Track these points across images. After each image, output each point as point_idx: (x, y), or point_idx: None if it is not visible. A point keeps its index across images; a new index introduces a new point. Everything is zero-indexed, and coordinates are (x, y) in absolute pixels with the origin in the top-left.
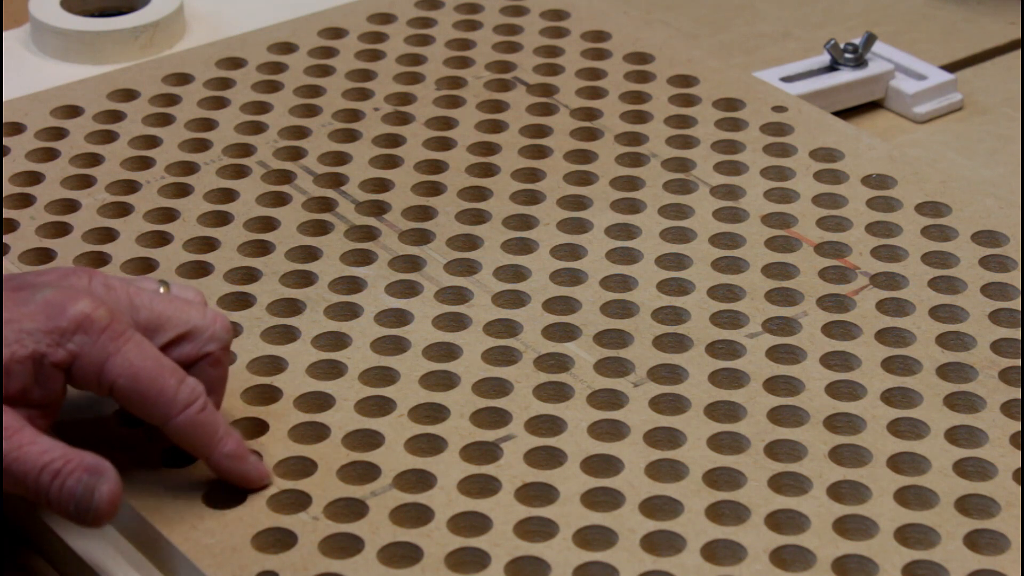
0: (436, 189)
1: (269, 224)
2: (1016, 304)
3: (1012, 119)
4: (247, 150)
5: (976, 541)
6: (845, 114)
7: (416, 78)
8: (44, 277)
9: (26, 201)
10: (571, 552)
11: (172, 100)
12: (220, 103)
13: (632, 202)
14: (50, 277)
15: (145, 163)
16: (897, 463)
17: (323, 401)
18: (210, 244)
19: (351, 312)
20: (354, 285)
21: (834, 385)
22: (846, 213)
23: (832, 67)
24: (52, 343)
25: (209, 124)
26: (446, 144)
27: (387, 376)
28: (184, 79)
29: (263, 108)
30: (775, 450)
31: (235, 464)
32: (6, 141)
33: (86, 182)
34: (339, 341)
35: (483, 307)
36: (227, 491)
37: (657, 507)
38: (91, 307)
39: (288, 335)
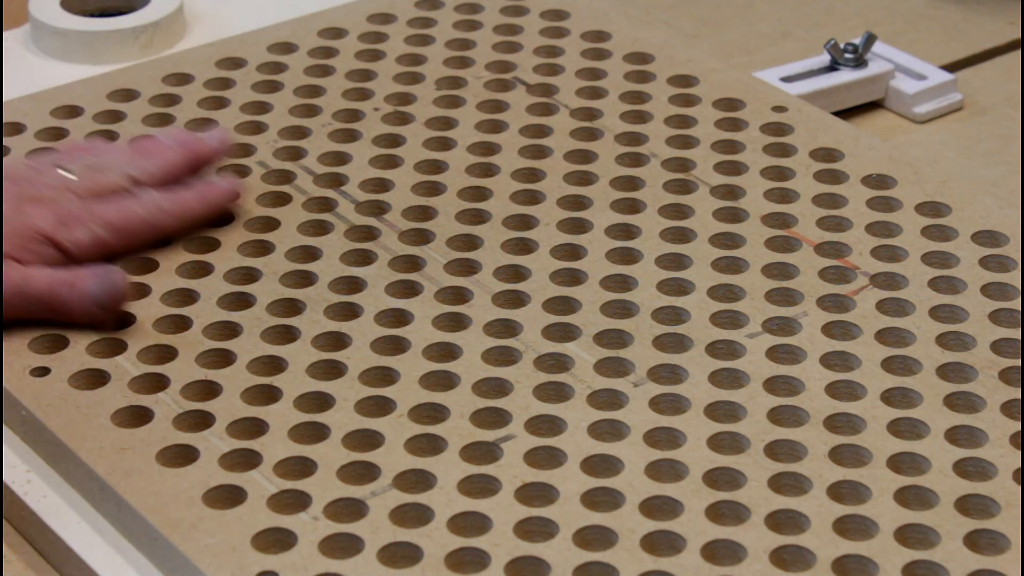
0: (436, 189)
1: (269, 224)
2: (1016, 304)
3: (1012, 119)
4: (247, 150)
5: (976, 541)
6: (845, 114)
7: (416, 78)
8: None
9: None
10: (571, 552)
11: (172, 100)
12: (220, 103)
13: (632, 202)
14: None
15: None
16: (897, 463)
17: (323, 401)
18: (210, 244)
19: (351, 312)
20: (354, 285)
21: (834, 385)
22: (846, 213)
23: (832, 67)
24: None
25: (209, 124)
26: (446, 144)
27: (387, 376)
28: (184, 79)
29: (263, 108)
30: (775, 450)
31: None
32: (6, 141)
33: None
34: (339, 341)
35: (483, 307)
36: (227, 491)
37: (657, 507)
38: None
39: (288, 335)
